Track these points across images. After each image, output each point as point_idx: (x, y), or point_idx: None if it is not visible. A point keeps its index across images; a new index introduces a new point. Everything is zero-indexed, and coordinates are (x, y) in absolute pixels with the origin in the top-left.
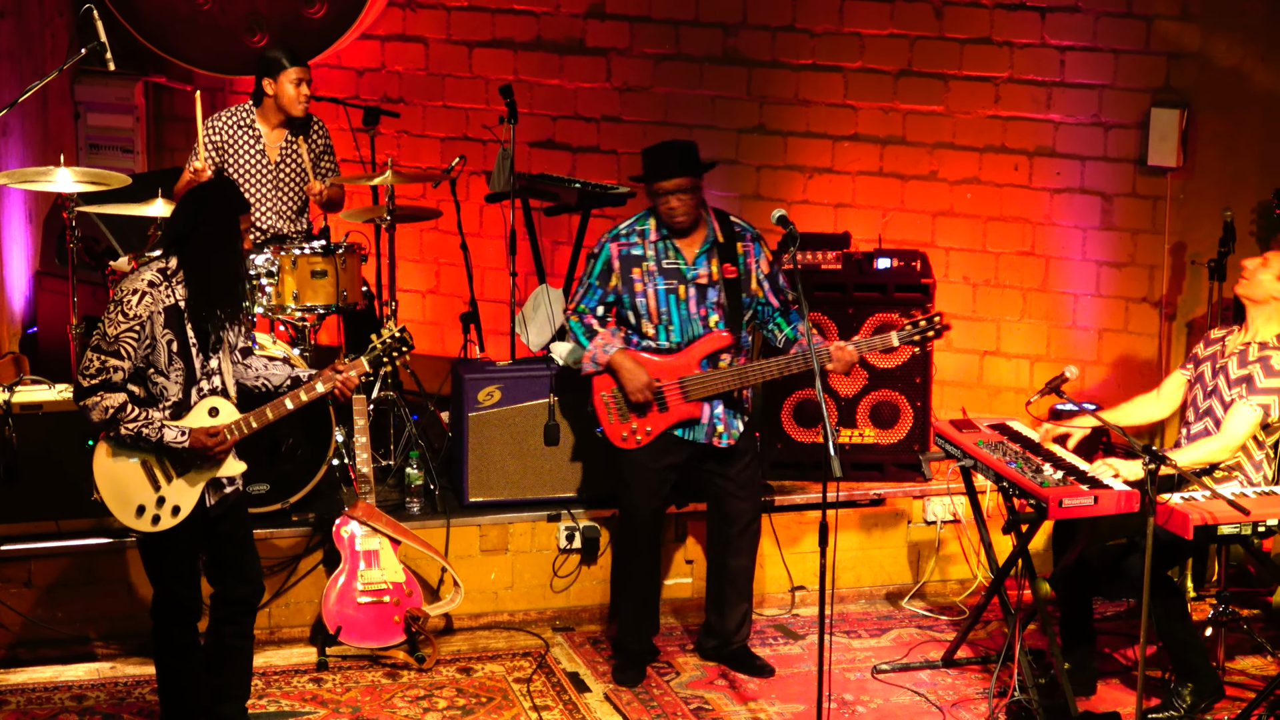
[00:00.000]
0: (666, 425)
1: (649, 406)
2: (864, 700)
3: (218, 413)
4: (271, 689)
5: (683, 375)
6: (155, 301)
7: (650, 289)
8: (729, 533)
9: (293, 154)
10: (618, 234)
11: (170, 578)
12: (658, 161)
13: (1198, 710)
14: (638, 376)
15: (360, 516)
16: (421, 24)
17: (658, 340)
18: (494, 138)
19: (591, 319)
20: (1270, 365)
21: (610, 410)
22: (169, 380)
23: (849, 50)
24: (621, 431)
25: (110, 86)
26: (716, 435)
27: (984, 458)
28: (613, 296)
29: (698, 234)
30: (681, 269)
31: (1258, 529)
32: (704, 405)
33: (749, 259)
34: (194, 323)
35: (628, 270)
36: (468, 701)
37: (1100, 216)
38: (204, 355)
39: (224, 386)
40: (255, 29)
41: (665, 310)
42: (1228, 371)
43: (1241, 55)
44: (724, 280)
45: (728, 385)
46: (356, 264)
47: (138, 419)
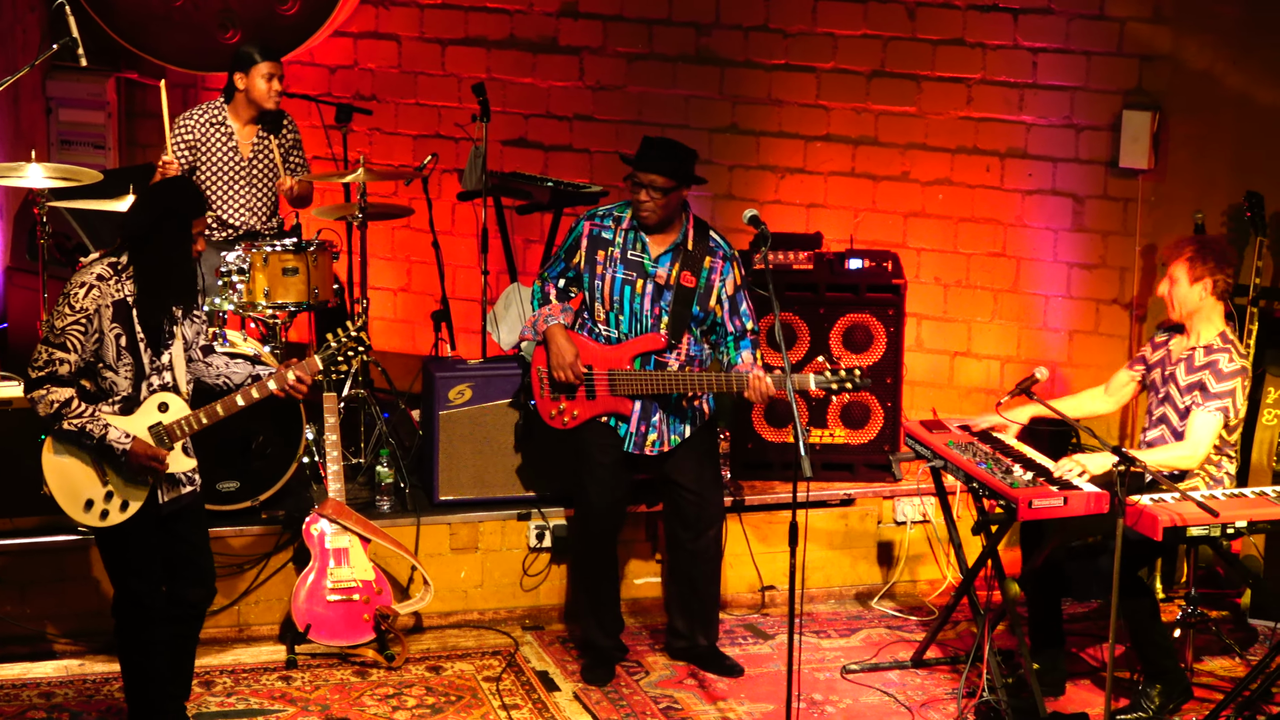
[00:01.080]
0: (593, 413)
1: (576, 390)
2: (833, 700)
3: (167, 408)
4: (240, 687)
5: (613, 368)
6: (103, 295)
7: (609, 274)
8: (689, 545)
9: (265, 150)
10: (594, 215)
11: (128, 574)
12: (643, 150)
13: (1166, 711)
14: (565, 353)
15: (330, 514)
16: (394, 22)
17: (607, 326)
18: (466, 136)
19: (551, 288)
20: (1219, 369)
21: (544, 384)
22: (118, 375)
23: (822, 50)
24: (550, 409)
25: (82, 82)
26: (648, 444)
27: (954, 458)
28: (573, 273)
29: (668, 235)
30: (644, 263)
31: (1226, 531)
32: (634, 405)
33: (713, 275)
34: (142, 318)
35: (593, 251)
36: (437, 700)
37: (1071, 218)
38: (153, 351)
39: (175, 382)
40: (228, 26)
41: (618, 299)
42: (1176, 379)
43: (1213, 58)
44: (679, 286)
45: (654, 388)
46: (328, 261)
47: (82, 415)
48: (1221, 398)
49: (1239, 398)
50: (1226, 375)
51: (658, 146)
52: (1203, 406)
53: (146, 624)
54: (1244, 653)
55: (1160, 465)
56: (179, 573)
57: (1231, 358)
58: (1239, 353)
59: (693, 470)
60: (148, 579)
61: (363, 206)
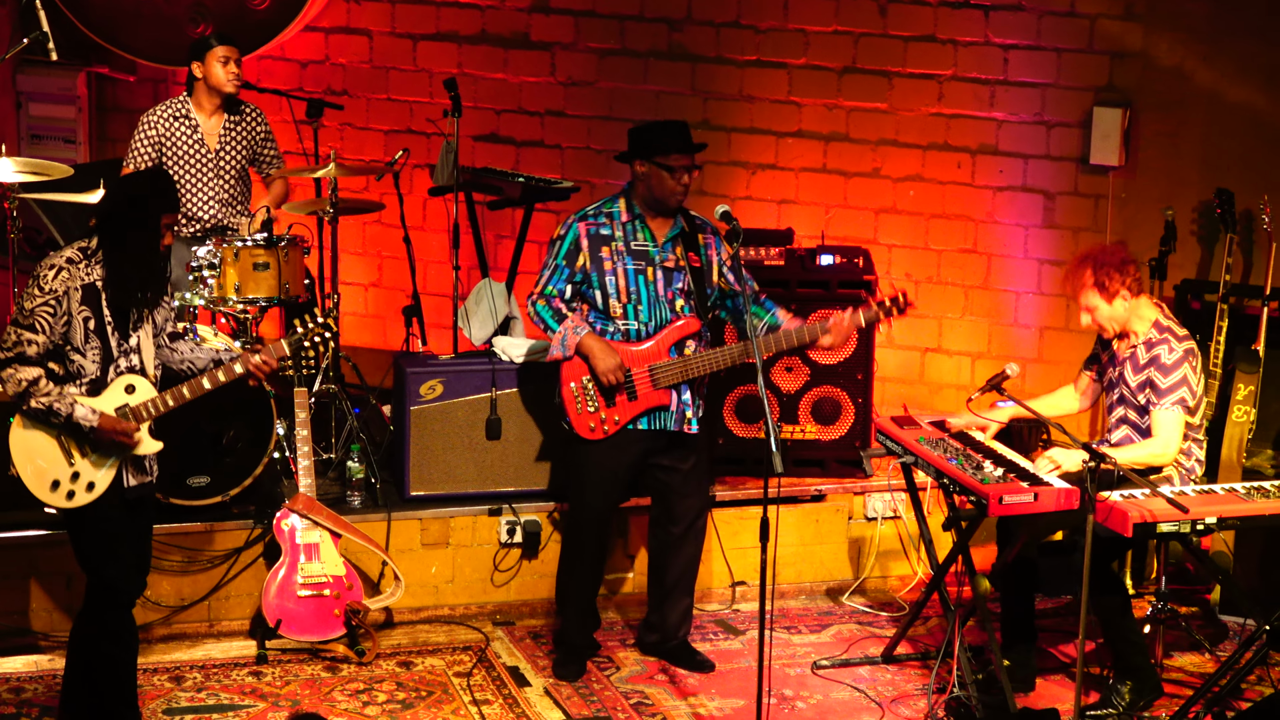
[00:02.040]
0: (635, 414)
1: (618, 394)
2: (804, 696)
3: (134, 390)
4: (210, 682)
5: (652, 363)
6: (72, 278)
7: (620, 268)
8: (673, 530)
9: (231, 140)
10: (585, 214)
11: (100, 559)
12: (674, 135)
13: (1136, 707)
14: (610, 357)
15: (301, 509)
16: (365, 16)
17: (625, 320)
18: (438, 131)
19: (559, 302)
20: (1162, 363)
21: (579, 400)
22: (85, 358)
23: (793, 47)
24: (589, 422)
25: (53, 77)
26: (686, 422)
27: (925, 454)
28: (579, 276)
29: (667, 221)
30: (650, 251)
31: (1196, 527)
32: (672, 393)
33: (710, 250)
34: (110, 302)
35: (596, 249)
36: (407, 695)
37: (1042, 215)
38: (121, 334)
39: (142, 365)
40: (199, 19)
41: (634, 290)
42: (1126, 380)
43: (1183, 55)
44: (690, 268)
45: (697, 370)
46: (299, 256)
47: (50, 394)
48: (1175, 390)
49: (1191, 380)
50: (1171, 367)
51: (685, 129)
52: (1159, 405)
53: (119, 610)
54: (1214, 649)
55: (1133, 463)
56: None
57: (1171, 346)
58: (1177, 336)
59: (692, 459)
60: (120, 564)
61: (334, 201)
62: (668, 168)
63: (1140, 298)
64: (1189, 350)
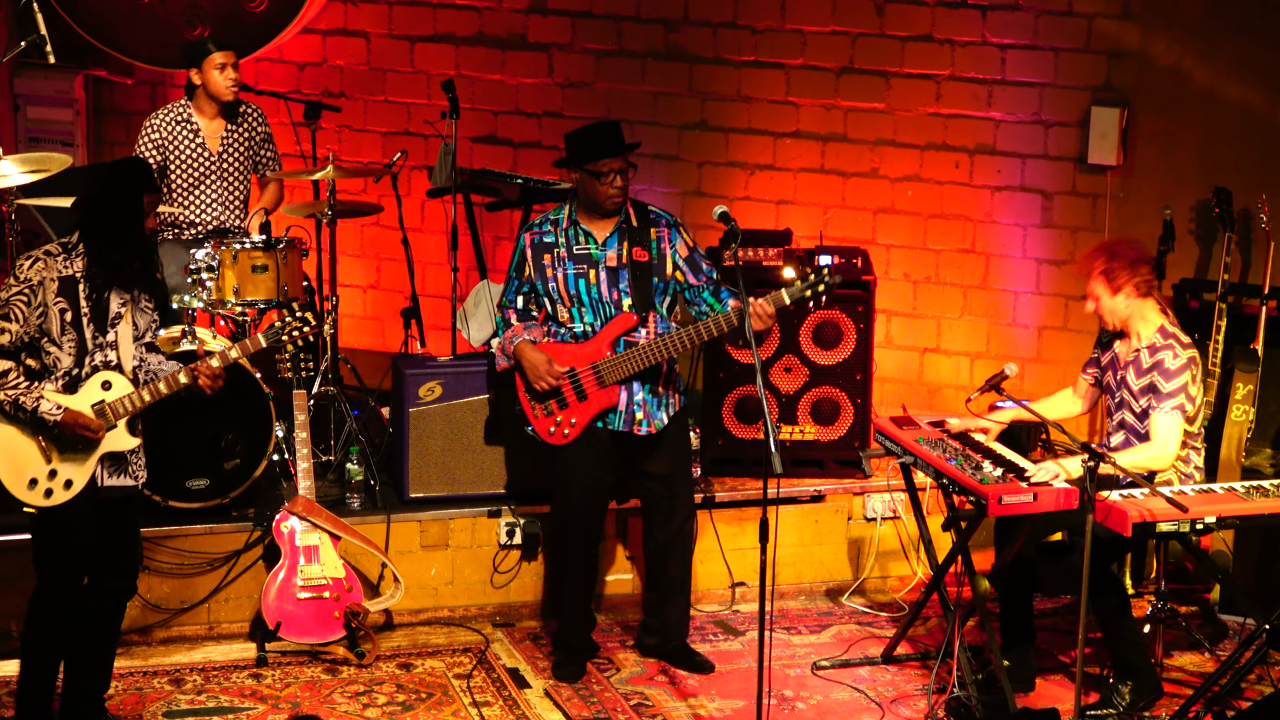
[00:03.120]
0: (590, 415)
1: (565, 396)
2: (804, 696)
3: (110, 386)
4: (210, 684)
5: (595, 360)
6: (49, 268)
7: (560, 273)
8: (660, 535)
9: (233, 143)
10: (532, 225)
11: (55, 559)
12: (599, 139)
13: (1136, 707)
14: (538, 364)
15: (300, 512)
16: (363, 18)
17: (573, 324)
18: (435, 133)
19: (511, 312)
20: (1165, 368)
21: (534, 406)
22: (61, 350)
23: (791, 47)
24: (549, 426)
25: (50, 79)
26: (636, 423)
27: (924, 454)
28: (528, 287)
29: (609, 220)
30: (592, 253)
31: (1195, 526)
32: (621, 391)
33: (663, 244)
34: (90, 290)
35: (539, 258)
36: (407, 697)
37: (1040, 214)
38: (97, 328)
39: (119, 362)
40: (195, 22)
41: (575, 293)
42: (1128, 384)
43: (1181, 54)
44: (633, 263)
45: (643, 363)
46: (297, 259)
47: (18, 387)
48: (1175, 395)
49: (1191, 388)
50: (1174, 372)
51: (610, 128)
52: (1159, 408)
53: (65, 613)
54: (1213, 648)
55: (1132, 466)
56: (100, 564)
57: (1175, 352)
58: (1181, 343)
59: (666, 462)
60: (73, 568)
61: (332, 204)
62: (596, 174)
63: (1148, 300)
64: (1192, 359)
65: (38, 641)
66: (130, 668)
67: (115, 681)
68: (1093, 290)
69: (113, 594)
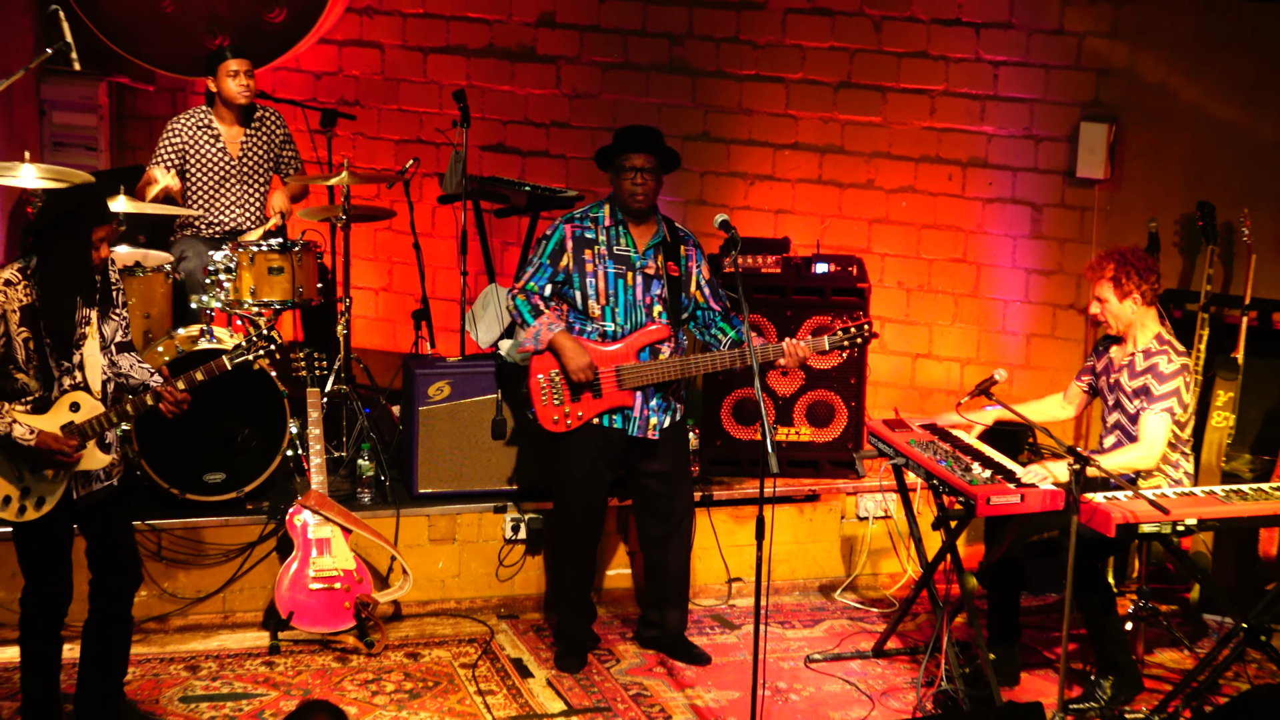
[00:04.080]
0: (598, 411)
1: (583, 390)
2: (797, 689)
3: (79, 407)
4: (225, 671)
5: (619, 364)
6: (10, 300)
7: (601, 270)
8: (658, 532)
9: (253, 147)
10: (573, 218)
11: (36, 569)
12: (627, 137)
13: (1118, 702)
14: (580, 356)
15: (313, 505)
16: (378, 30)
17: (603, 321)
18: (447, 141)
19: (538, 299)
20: (1159, 372)
21: (545, 392)
22: (28, 376)
23: (790, 62)
24: (553, 415)
25: (75, 86)
26: (650, 427)
27: (915, 456)
28: (562, 276)
29: (649, 228)
30: (631, 257)
31: (1177, 528)
32: (636, 396)
33: (690, 262)
34: (46, 322)
35: (580, 251)
36: (415, 685)
37: (1030, 226)
38: (61, 353)
39: (86, 382)
40: (215, 31)
41: (613, 292)
42: (1122, 386)
43: (1168, 71)
44: (668, 276)
45: (664, 376)
46: (312, 261)
47: None
48: (1166, 398)
49: (1183, 394)
50: (1167, 376)
51: (641, 131)
52: (1149, 409)
53: (47, 616)
54: (1193, 646)
55: (1120, 468)
56: (101, 562)
57: (1170, 358)
58: (1176, 351)
59: (665, 462)
60: (54, 575)
61: (346, 208)
62: (619, 169)
63: (1151, 309)
64: (1185, 366)
65: (32, 637)
66: (147, 654)
67: (133, 668)
68: (1101, 294)
69: (119, 589)
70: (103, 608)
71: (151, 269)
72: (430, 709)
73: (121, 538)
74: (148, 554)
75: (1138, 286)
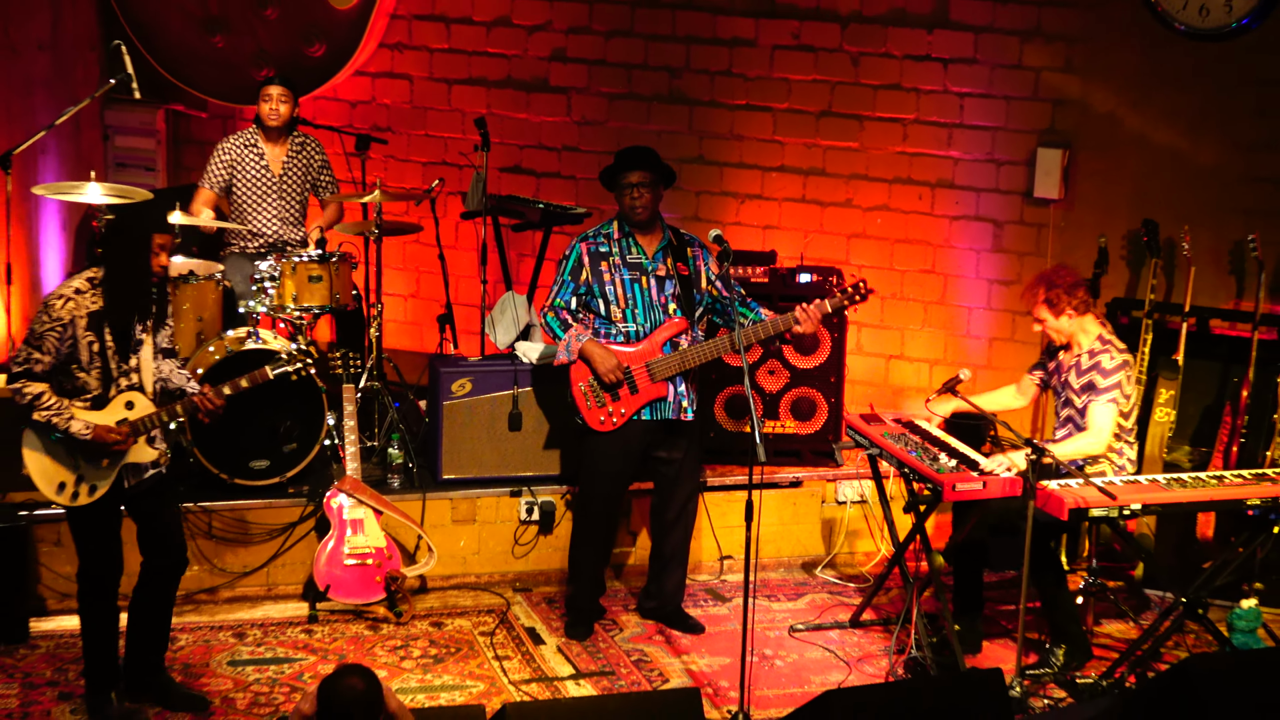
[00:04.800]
0: (639, 405)
1: (620, 389)
2: (781, 655)
3: (133, 406)
4: (269, 638)
5: (649, 359)
6: (78, 306)
7: (617, 278)
8: (668, 514)
9: (293, 167)
10: (586, 235)
11: (88, 551)
12: (623, 158)
13: (1069, 668)
14: (608, 359)
15: (348, 490)
16: (407, 63)
17: (625, 324)
18: (469, 163)
19: (566, 314)
20: (1103, 368)
21: (588, 397)
22: (89, 376)
23: (778, 93)
24: (599, 415)
25: (135, 113)
26: (682, 410)
27: (889, 447)
28: (584, 289)
29: (654, 236)
30: (643, 263)
31: (1123, 512)
32: (668, 385)
33: (698, 261)
34: (110, 327)
35: (596, 264)
36: (439, 651)
37: (992, 240)
38: (121, 357)
39: (140, 383)
40: (261, 64)
41: (631, 296)
42: (1071, 385)
43: (1116, 103)
44: (679, 275)
45: (691, 363)
46: (348, 270)
47: (51, 408)
48: (1110, 390)
49: (1126, 386)
50: (1110, 371)
51: (635, 151)
52: (1096, 400)
53: (100, 592)
54: (1137, 618)
55: (1070, 455)
56: (150, 544)
57: (1112, 355)
58: (1118, 349)
59: (681, 451)
60: (105, 555)
61: (378, 223)
62: (618, 186)
63: (1087, 316)
64: (1126, 361)
65: (87, 607)
66: (199, 623)
67: (186, 635)
68: (1038, 315)
69: (166, 569)
70: (149, 585)
71: (204, 277)
72: (453, 672)
73: (169, 522)
74: (200, 533)
75: (1068, 302)
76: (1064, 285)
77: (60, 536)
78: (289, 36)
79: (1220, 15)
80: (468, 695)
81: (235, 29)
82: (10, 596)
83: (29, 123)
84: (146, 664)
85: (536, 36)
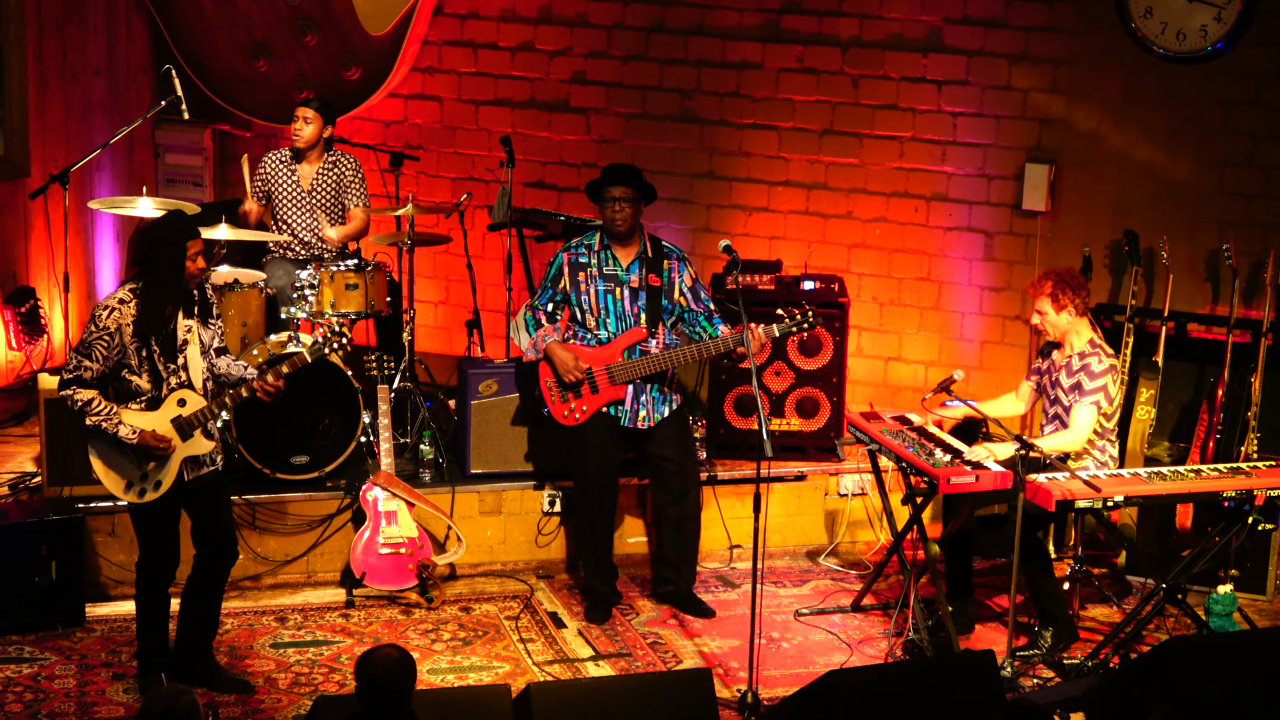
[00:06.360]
0: (598, 405)
1: (582, 387)
2: (788, 638)
3: (185, 403)
4: (309, 622)
5: (609, 363)
6: (123, 316)
7: (592, 289)
8: (668, 505)
9: (323, 183)
10: (569, 247)
11: (149, 542)
12: (607, 173)
13: (1056, 650)
14: (566, 360)
15: (382, 483)
16: (437, 86)
17: (598, 331)
18: (495, 179)
19: (541, 314)
20: (1091, 370)
21: (553, 392)
22: (141, 379)
23: (782, 113)
24: (563, 410)
25: (184, 132)
26: (639, 419)
27: (887, 443)
28: (560, 296)
29: (632, 248)
30: (618, 274)
31: (1107, 503)
32: (628, 389)
33: (672, 273)
34: (150, 332)
35: (575, 275)
36: (467, 634)
37: (983, 250)
38: (168, 358)
39: (190, 381)
40: (302, 87)
41: (604, 307)
42: (1061, 384)
43: (1098, 121)
44: (648, 287)
45: (648, 369)
46: (383, 279)
47: (100, 413)
48: (1094, 392)
49: (1111, 389)
50: (1098, 374)
51: (619, 168)
52: (1080, 402)
53: (156, 581)
54: (1120, 602)
55: (1052, 450)
56: (202, 537)
57: (1100, 359)
58: (1106, 353)
59: (672, 445)
60: (163, 548)
61: (411, 235)
62: (602, 200)
63: (1084, 319)
64: (1113, 366)
65: (143, 595)
66: (244, 608)
67: (231, 619)
68: (1040, 307)
69: (217, 560)
70: (201, 575)
71: (248, 285)
72: (480, 654)
73: (222, 516)
74: (244, 523)
75: (1071, 300)
76: (1071, 284)
77: (115, 527)
78: (328, 61)
79: (1196, 40)
80: (494, 675)
81: (278, 54)
82: (68, 583)
83: (86, 142)
84: (195, 649)
85: (558, 61)
